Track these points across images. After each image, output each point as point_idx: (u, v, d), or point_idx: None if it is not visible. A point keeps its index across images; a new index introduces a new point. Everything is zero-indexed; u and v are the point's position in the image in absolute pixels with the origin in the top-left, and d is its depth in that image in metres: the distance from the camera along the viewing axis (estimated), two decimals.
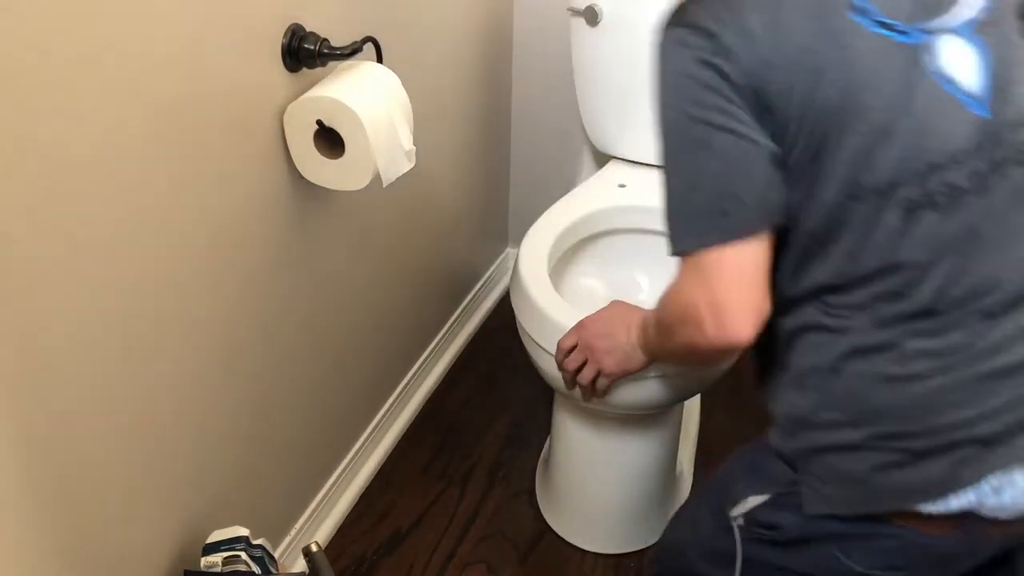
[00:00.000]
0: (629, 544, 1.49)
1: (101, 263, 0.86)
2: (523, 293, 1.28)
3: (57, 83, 0.76)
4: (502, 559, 1.48)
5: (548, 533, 1.52)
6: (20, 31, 0.72)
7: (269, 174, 1.09)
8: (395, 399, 1.67)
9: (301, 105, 1.06)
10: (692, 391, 1.29)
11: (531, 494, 1.59)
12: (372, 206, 1.37)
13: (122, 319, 0.91)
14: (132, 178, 0.88)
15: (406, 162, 1.14)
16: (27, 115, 0.74)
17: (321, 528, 1.48)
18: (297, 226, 1.19)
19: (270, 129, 1.07)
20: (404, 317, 1.62)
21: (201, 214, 0.99)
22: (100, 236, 0.85)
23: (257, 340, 1.16)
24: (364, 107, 1.04)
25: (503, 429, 1.73)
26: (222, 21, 0.95)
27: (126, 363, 0.93)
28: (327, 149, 1.09)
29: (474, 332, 1.97)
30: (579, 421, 1.39)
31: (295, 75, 1.09)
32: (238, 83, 1.00)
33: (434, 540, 1.51)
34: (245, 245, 1.09)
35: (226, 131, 1.00)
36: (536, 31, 1.82)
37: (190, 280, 1.00)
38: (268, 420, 1.24)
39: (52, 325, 0.83)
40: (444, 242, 1.73)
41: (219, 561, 1.04)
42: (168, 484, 1.06)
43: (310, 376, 1.33)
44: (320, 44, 1.07)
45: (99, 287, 0.87)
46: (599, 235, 1.51)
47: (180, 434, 1.05)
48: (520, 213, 2.06)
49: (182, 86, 0.91)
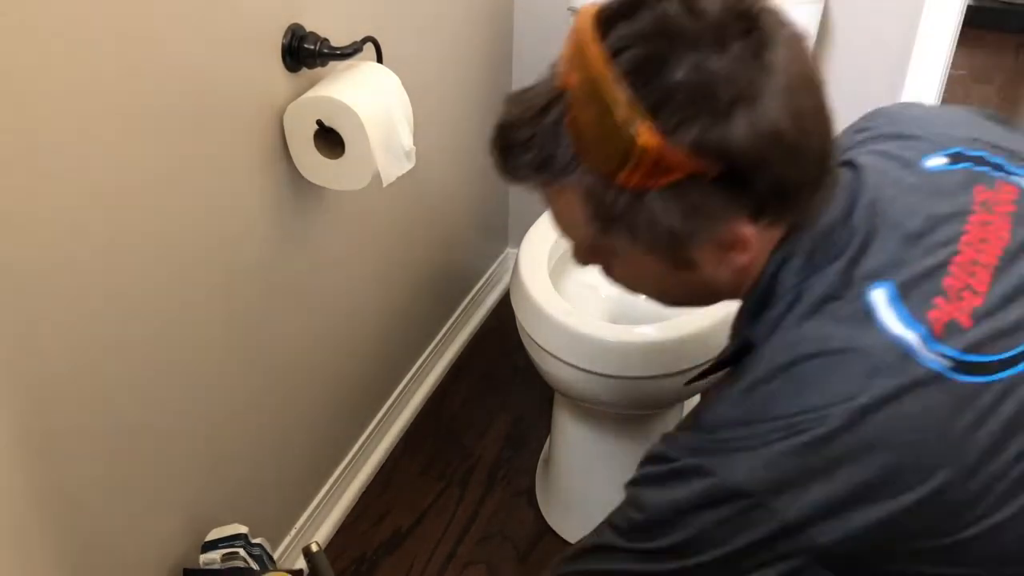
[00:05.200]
0: None
1: (101, 263, 0.86)
2: (523, 293, 1.28)
3: (57, 83, 0.76)
4: (502, 559, 1.48)
5: (548, 533, 1.52)
6: (20, 31, 0.72)
7: (269, 174, 1.09)
8: (395, 399, 1.67)
9: (301, 105, 1.06)
10: (692, 391, 1.29)
11: (531, 494, 1.59)
12: (372, 206, 1.37)
13: (121, 319, 0.91)
14: (132, 177, 0.88)
15: (406, 162, 1.14)
16: (27, 115, 0.74)
17: (321, 528, 1.48)
18: (297, 226, 1.19)
19: (270, 129, 1.07)
20: (404, 317, 1.62)
21: (200, 213, 0.99)
22: (100, 235, 0.85)
23: (256, 340, 1.16)
24: (364, 107, 1.04)
25: (503, 429, 1.73)
26: (222, 21, 0.95)
27: (125, 363, 0.93)
28: (327, 149, 1.09)
29: (474, 332, 1.97)
30: (579, 421, 1.39)
31: (295, 75, 1.09)
32: (238, 83, 1.00)
33: (434, 540, 1.50)
34: (245, 245, 1.09)
35: (226, 131, 1.00)
36: (536, 31, 1.82)
37: (189, 280, 1.00)
38: (268, 420, 1.24)
39: (52, 324, 0.83)
40: (444, 242, 1.73)
41: (218, 558, 1.04)
42: (168, 484, 1.06)
43: (309, 376, 1.33)
44: (320, 44, 1.07)
45: (98, 287, 0.87)
46: None
47: (179, 434, 1.05)
48: (520, 213, 2.06)
49: (182, 86, 0.91)
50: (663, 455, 0.72)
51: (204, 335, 1.05)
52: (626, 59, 0.61)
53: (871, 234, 0.70)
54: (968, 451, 0.66)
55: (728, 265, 0.70)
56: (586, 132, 0.64)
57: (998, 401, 0.67)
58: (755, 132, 0.61)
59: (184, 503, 1.10)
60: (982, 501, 0.67)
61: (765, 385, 0.68)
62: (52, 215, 0.79)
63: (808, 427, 0.65)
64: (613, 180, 0.63)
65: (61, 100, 0.77)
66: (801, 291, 0.70)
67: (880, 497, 0.66)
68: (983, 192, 0.75)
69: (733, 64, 0.61)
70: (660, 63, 0.61)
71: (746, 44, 0.61)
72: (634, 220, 0.65)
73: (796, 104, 0.62)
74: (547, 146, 0.65)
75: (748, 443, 0.67)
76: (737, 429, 0.68)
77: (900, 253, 0.69)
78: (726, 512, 0.67)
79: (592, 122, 0.63)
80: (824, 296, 0.69)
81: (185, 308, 1.00)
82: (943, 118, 0.84)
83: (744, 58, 0.61)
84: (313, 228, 1.23)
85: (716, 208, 0.64)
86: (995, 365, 0.67)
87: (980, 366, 0.67)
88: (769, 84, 0.61)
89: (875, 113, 0.86)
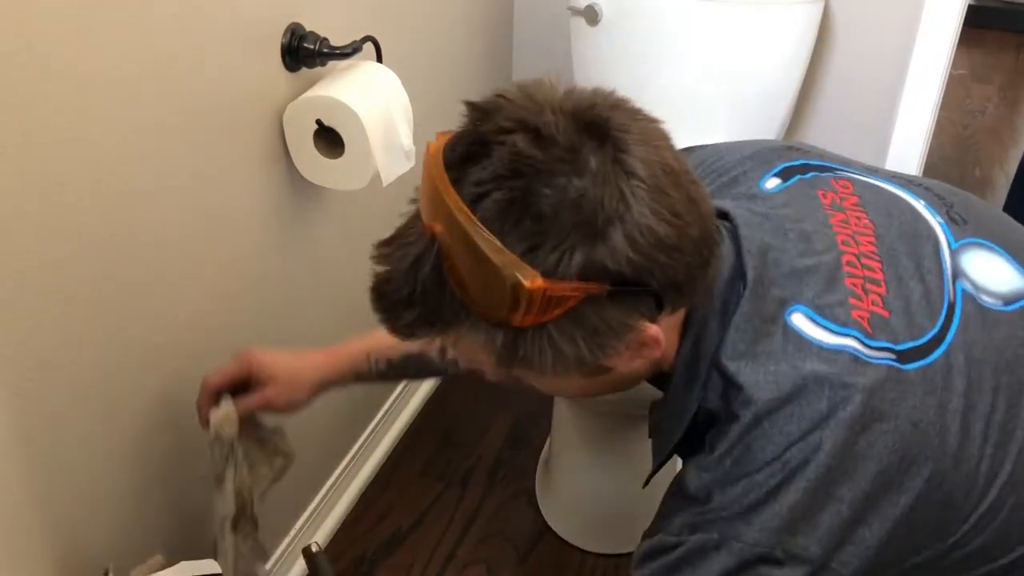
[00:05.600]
0: (629, 544, 1.49)
1: (100, 263, 0.86)
2: None
3: (56, 83, 0.76)
4: (502, 559, 1.48)
5: (548, 533, 1.52)
6: (20, 31, 0.72)
7: (269, 174, 1.09)
8: (395, 399, 1.66)
9: (301, 105, 1.06)
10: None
11: (531, 494, 1.59)
12: (372, 206, 1.37)
13: (121, 319, 0.91)
14: (131, 177, 0.88)
15: (406, 162, 1.14)
16: (27, 115, 0.74)
17: (321, 528, 1.47)
18: (297, 226, 1.19)
19: (270, 129, 1.07)
20: None
21: (200, 213, 0.99)
22: (99, 235, 0.85)
23: (256, 340, 1.16)
24: (364, 107, 1.04)
25: (503, 429, 1.73)
26: (222, 20, 0.95)
27: (124, 362, 0.93)
28: (327, 149, 1.09)
29: None
30: (579, 421, 1.39)
31: (295, 75, 1.09)
32: (237, 82, 1.00)
33: (434, 540, 1.50)
34: (244, 244, 1.08)
35: (225, 131, 1.00)
36: (536, 31, 1.82)
37: (188, 279, 1.00)
38: None
39: (51, 325, 0.82)
40: None
41: None
42: (169, 484, 1.06)
43: None
44: (320, 44, 1.07)
45: (98, 287, 0.87)
46: None
47: (179, 434, 1.05)
48: None
49: (181, 86, 0.91)
50: (662, 545, 0.70)
51: (202, 335, 1.05)
52: (489, 206, 0.59)
53: (763, 272, 0.71)
54: (946, 438, 0.67)
55: (644, 358, 0.68)
56: (468, 282, 0.61)
57: (947, 377, 0.68)
58: (634, 243, 0.59)
59: (185, 502, 1.10)
60: (975, 486, 0.68)
61: (740, 443, 0.68)
62: (51, 214, 0.79)
63: (799, 459, 0.65)
64: (508, 323, 0.61)
65: (60, 100, 0.77)
66: (727, 349, 0.69)
67: (881, 506, 0.66)
68: (826, 195, 0.77)
69: (595, 181, 0.59)
70: (524, 203, 0.59)
71: (603, 157, 0.60)
72: (538, 355, 0.63)
73: (667, 202, 0.61)
74: (430, 300, 0.63)
75: (747, 499, 0.66)
76: (729, 490, 0.67)
77: (795, 276, 0.70)
78: (752, 573, 0.66)
79: (471, 271, 0.60)
80: (751, 343, 0.69)
81: (181, 307, 1.00)
82: (743, 146, 0.87)
83: (604, 172, 0.59)
84: (313, 228, 1.23)
85: (616, 321, 0.63)
86: (926, 346, 0.69)
87: (916, 351, 0.68)
88: (636, 191, 0.60)
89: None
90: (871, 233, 0.74)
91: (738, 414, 0.68)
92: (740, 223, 0.73)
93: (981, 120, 3.10)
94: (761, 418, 0.67)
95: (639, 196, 0.60)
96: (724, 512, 0.67)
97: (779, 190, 0.79)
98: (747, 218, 0.74)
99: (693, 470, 0.70)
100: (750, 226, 0.73)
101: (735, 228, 0.73)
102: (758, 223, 0.74)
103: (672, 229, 0.61)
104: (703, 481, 0.69)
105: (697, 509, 0.69)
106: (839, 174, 0.81)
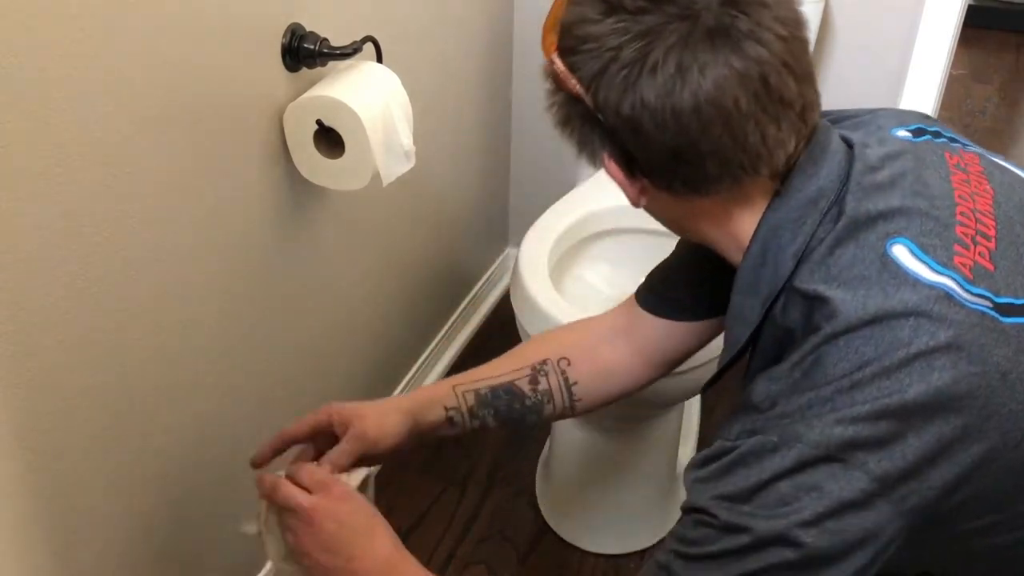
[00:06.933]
0: (629, 544, 1.49)
1: (100, 263, 0.86)
2: (523, 293, 1.28)
3: (56, 83, 0.76)
4: (502, 559, 1.48)
5: (548, 533, 1.52)
6: (20, 30, 0.72)
7: (269, 174, 1.09)
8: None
9: (301, 105, 1.06)
10: (692, 391, 1.29)
11: (531, 494, 1.59)
12: (372, 206, 1.37)
13: (120, 319, 0.91)
14: (131, 177, 0.88)
15: (406, 162, 1.14)
16: (27, 114, 0.74)
17: None
18: (297, 226, 1.19)
19: (270, 129, 1.07)
20: (404, 317, 1.62)
21: (200, 213, 0.99)
22: (98, 235, 0.85)
23: (256, 340, 1.16)
24: (364, 107, 1.04)
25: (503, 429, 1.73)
26: (222, 21, 0.95)
27: (123, 363, 0.93)
28: (327, 149, 1.09)
29: (474, 332, 1.96)
30: (579, 421, 1.39)
31: (295, 75, 1.09)
32: (238, 83, 1.00)
33: (434, 540, 1.50)
34: (244, 245, 1.08)
35: (225, 131, 1.00)
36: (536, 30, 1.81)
37: (188, 279, 1.00)
38: (267, 420, 1.24)
39: (50, 324, 0.82)
40: (444, 242, 1.73)
41: None
42: (169, 483, 1.06)
43: (309, 376, 1.33)
44: (320, 44, 1.07)
45: (98, 287, 0.87)
46: (599, 235, 1.51)
47: (178, 434, 1.05)
48: (520, 213, 2.05)
49: (181, 85, 0.91)
50: (720, 449, 0.69)
51: (202, 335, 1.05)
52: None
53: (866, 200, 0.70)
54: None
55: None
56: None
57: None
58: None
59: (184, 502, 1.10)
60: None
61: (812, 355, 0.66)
62: (51, 213, 0.79)
63: (870, 381, 0.63)
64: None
65: (59, 100, 0.77)
66: (818, 272, 0.69)
67: (953, 449, 0.64)
68: (952, 157, 0.77)
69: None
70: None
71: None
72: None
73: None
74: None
75: (811, 410, 0.64)
76: (795, 399, 0.65)
77: (904, 213, 0.70)
78: (807, 478, 0.64)
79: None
80: (846, 268, 0.68)
81: (182, 307, 1.00)
82: (878, 108, 0.87)
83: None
84: (313, 228, 1.23)
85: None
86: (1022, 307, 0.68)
87: (1015, 308, 0.67)
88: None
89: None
90: (990, 198, 0.74)
91: (819, 326, 0.66)
92: (858, 151, 0.74)
93: (981, 120, 3.09)
94: (839, 334, 0.65)
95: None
96: (786, 420, 0.65)
97: (907, 140, 0.78)
98: (867, 152, 0.74)
99: (762, 381, 0.69)
100: (865, 158, 0.73)
101: (851, 153, 0.74)
102: (878, 156, 0.74)
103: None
104: (769, 391, 0.68)
105: (758, 416, 0.67)
106: (969, 148, 0.81)
